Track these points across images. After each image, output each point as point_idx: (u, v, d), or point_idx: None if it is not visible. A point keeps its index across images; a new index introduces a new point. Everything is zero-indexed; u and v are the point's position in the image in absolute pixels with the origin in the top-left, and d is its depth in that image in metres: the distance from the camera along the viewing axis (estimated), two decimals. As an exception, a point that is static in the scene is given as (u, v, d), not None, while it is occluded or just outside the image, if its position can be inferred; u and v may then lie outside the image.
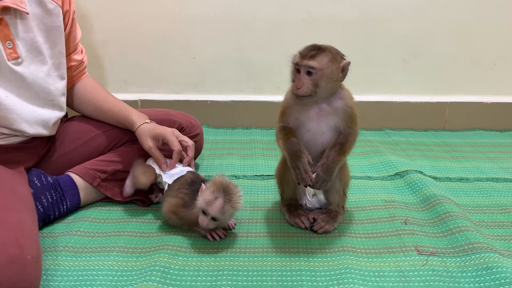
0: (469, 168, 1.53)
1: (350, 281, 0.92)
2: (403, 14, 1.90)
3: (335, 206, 1.14)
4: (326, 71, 1.00)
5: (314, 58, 1.00)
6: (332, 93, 1.04)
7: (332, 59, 1.01)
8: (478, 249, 1.01)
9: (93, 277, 0.94)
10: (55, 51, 1.16)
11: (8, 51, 1.04)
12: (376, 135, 1.89)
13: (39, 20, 1.10)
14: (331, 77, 1.01)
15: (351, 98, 1.07)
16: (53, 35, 1.14)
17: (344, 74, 1.03)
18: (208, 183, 1.05)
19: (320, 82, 1.00)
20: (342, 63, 1.01)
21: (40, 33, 1.11)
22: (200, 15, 1.91)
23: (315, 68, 0.99)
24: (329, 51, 1.01)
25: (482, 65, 1.96)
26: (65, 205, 1.17)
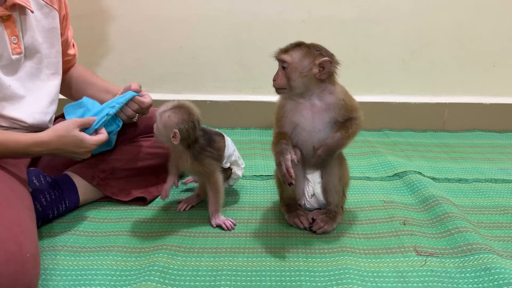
0: (468, 169, 1.53)
1: (349, 281, 0.92)
2: (403, 15, 1.90)
3: (334, 206, 1.14)
4: (297, 65, 1.02)
5: (287, 52, 1.03)
6: (310, 89, 1.05)
7: (306, 55, 1.02)
8: (476, 250, 1.01)
9: (92, 277, 0.94)
10: (53, 51, 1.19)
11: (13, 45, 1.08)
12: (375, 135, 1.89)
13: (38, 21, 1.15)
14: (302, 72, 1.02)
15: (343, 92, 1.07)
16: (50, 36, 1.18)
17: (325, 71, 1.03)
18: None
19: (291, 76, 1.03)
20: (319, 60, 1.02)
21: (39, 33, 1.15)
22: (200, 15, 1.91)
23: (286, 62, 1.02)
24: (306, 47, 1.03)
25: (481, 66, 1.96)
26: (64, 204, 1.17)
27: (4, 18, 1.05)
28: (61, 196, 1.16)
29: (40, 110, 1.15)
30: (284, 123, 1.10)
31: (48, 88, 1.18)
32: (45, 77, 1.18)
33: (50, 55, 1.19)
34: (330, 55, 1.04)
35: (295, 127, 1.09)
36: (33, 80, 1.14)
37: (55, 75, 1.20)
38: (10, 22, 1.07)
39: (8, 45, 1.07)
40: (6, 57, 1.07)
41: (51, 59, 1.19)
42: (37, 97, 1.15)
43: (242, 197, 1.32)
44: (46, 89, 1.18)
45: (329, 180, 1.13)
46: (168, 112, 1.10)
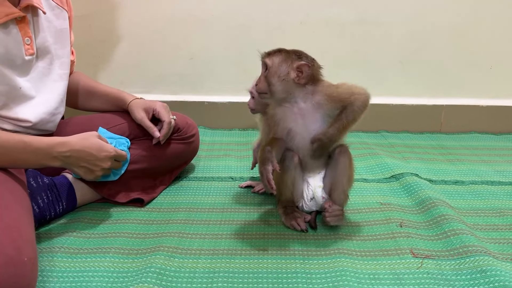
0: (464, 171, 1.54)
1: (346, 283, 0.92)
2: (400, 17, 1.91)
3: (339, 205, 1.15)
4: (276, 69, 1.05)
5: (269, 56, 1.07)
6: (291, 93, 1.07)
7: (284, 60, 1.05)
8: (472, 252, 1.01)
9: (89, 278, 0.94)
10: (65, 52, 1.22)
11: (26, 46, 1.09)
12: (372, 137, 1.90)
13: (49, 22, 1.17)
14: (280, 76, 1.04)
15: (327, 87, 1.08)
16: (62, 37, 1.21)
17: (304, 75, 1.05)
18: None
19: (271, 80, 1.05)
20: (296, 64, 1.04)
21: (50, 34, 1.17)
22: (198, 16, 1.91)
23: (267, 65, 1.06)
24: (286, 53, 1.06)
25: (478, 68, 1.97)
26: (61, 206, 1.17)
27: (18, 19, 1.07)
28: (58, 198, 1.16)
29: (48, 111, 1.17)
30: (277, 131, 1.11)
31: (58, 88, 1.20)
32: (57, 77, 1.20)
33: (62, 56, 1.21)
34: (310, 59, 1.07)
35: (288, 132, 1.10)
36: (44, 81, 1.16)
37: (66, 75, 1.23)
38: (24, 23, 1.08)
39: (22, 46, 1.08)
40: (20, 58, 1.08)
41: (63, 59, 1.21)
42: (47, 98, 1.17)
43: (239, 199, 1.32)
44: (57, 90, 1.20)
45: (338, 180, 1.13)
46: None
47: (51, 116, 1.18)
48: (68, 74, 1.24)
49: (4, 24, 1.03)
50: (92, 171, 1.09)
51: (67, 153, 1.04)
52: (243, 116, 1.99)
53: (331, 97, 1.07)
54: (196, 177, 1.47)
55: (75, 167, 1.07)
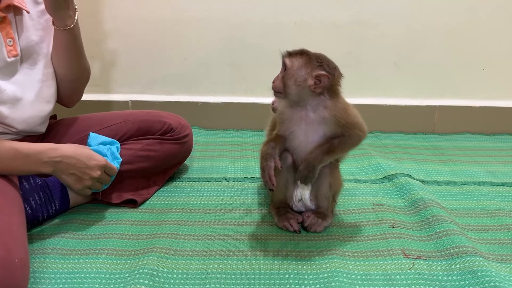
0: (457, 172, 1.55)
1: (338, 284, 0.93)
2: (394, 18, 1.92)
3: (325, 210, 1.15)
4: (294, 72, 1.02)
5: (291, 56, 1.04)
6: (304, 99, 1.05)
7: (305, 64, 1.02)
8: (463, 253, 1.02)
9: (82, 280, 0.94)
10: (50, 49, 1.18)
11: (8, 48, 1.07)
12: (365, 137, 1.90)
13: (33, 20, 1.13)
14: (297, 80, 1.02)
15: (340, 108, 1.06)
16: (49, 34, 1.17)
17: (321, 85, 1.02)
18: None
19: (287, 82, 1.03)
20: (316, 73, 1.01)
21: (35, 33, 1.14)
22: (193, 16, 1.91)
23: (286, 66, 1.03)
24: (308, 57, 1.03)
25: (471, 70, 1.98)
26: (54, 207, 1.17)
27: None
28: (51, 198, 1.16)
29: (36, 113, 1.15)
30: (281, 128, 1.11)
31: (45, 88, 1.17)
32: (44, 77, 1.16)
33: (48, 53, 1.17)
34: (331, 69, 1.03)
35: (290, 133, 1.10)
36: (31, 82, 1.14)
37: (52, 74, 1.19)
38: (5, 24, 1.06)
39: (3, 48, 1.06)
40: (2, 60, 1.06)
41: (49, 57, 1.18)
42: (34, 99, 1.14)
43: (233, 200, 1.33)
44: (44, 90, 1.17)
45: (319, 188, 1.14)
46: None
47: (39, 118, 1.16)
48: (53, 73, 1.20)
49: None
50: (81, 179, 1.08)
51: (58, 159, 1.04)
52: (237, 116, 1.99)
53: (338, 119, 1.05)
54: (190, 177, 1.47)
55: (65, 174, 1.06)
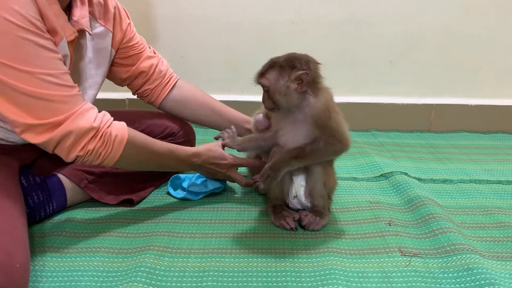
0: (453, 170, 1.55)
1: (334, 281, 0.93)
2: (391, 17, 1.92)
3: (321, 208, 1.16)
4: (275, 86, 1.02)
5: (263, 76, 1.03)
6: (298, 103, 1.04)
7: (280, 74, 1.01)
8: (459, 251, 1.03)
9: (79, 278, 0.94)
10: (99, 71, 1.20)
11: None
12: (362, 136, 1.91)
13: (89, 41, 1.15)
14: (281, 92, 1.02)
15: (321, 109, 1.04)
16: (99, 56, 1.19)
17: (304, 83, 1.01)
18: None
19: (275, 97, 1.03)
20: (294, 75, 1.00)
21: (87, 54, 1.15)
22: (189, 14, 1.91)
23: (265, 86, 1.03)
24: (278, 66, 1.01)
25: (467, 68, 1.98)
26: (52, 206, 1.17)
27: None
28: (49, 198, 1.16)
29: None
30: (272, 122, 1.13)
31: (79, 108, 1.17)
32: (86, 97, 1.17)
33: (95, 75, 1.19)
34: (305, 63, 1.01)
35: (279, 130, 1.11)
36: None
37: (94, 95, 1.21)
38: (70, 43, 1.06)
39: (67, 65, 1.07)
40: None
41: (96, 79, 1.19)
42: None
43: (230, 198, 1.33)
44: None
45: (314, 186, 1.14)
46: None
47: None
48: (95, 94, 1.22)
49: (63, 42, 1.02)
50: (214, 174, 1.27)
51: (198, 162, 1.22)
52: (234, 115, 1.99)
53: (316, 119, 1.04)
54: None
55: (204, 172, 1.27)
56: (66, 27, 1.01)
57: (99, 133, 0.99)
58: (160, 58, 1.36)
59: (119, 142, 1.02)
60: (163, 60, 1.37)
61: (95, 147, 0.98)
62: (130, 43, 1.27)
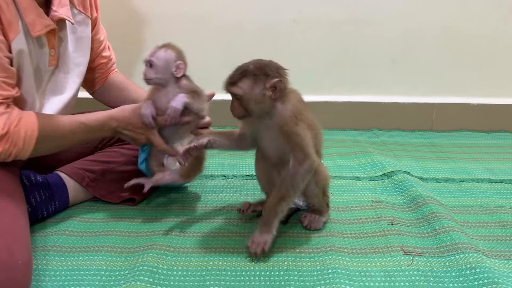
0: (455, 169, 1.55)
1: (337, 281, 0.93)
2: (392, 16, 1.91)
3: (318, 206, 1.15)
4: (250, 95, 0.99)
5: (236, 84, 1.00)
6: (269, 110, 1.02)
7: (255, 82, 0.99)
8: (462, 250, 1.03)
9: (82, 277, 0.94)
10: (84, 60, 1.21)
11: (50, 57, 1.09)
12: (364, 135, 1.91)
13: (70, 30, 1.15)
14: (256, 100, 1.00)
15: (288, 115, 1.02)
16: (82, 45, 1.20)
17: (278, 91, 0.99)
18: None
19: (248, 106, 1.00)
20: (270, 83, 0.98)
21: (71, 43, 1.16)
22: (189, 14, 1.90)
23: (238, 95, 1.00)
24: (252, 74, 0.99)
25: (469, 67, 1.98)
26: (54, 205, 1.17)
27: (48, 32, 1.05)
28: (51, 197, 1.16)
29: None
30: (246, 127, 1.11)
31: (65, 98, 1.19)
32: (73, 85, 1.19)
33: (81, 64, 1.20)
34: (276, 71, 1.00)
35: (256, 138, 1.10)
36: (55, 93, 1.16)
37: (77, 84, 1.21)
38: (52, 35, 1.07)
39: (46, 58, 1.08)
40: (43, 69, 1.08)
41: (81, 68, 1.21)
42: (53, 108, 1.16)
43: (232, 197, 1.33)
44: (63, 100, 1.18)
45: (306, 187, 1.10)
46: (162, 50, 1.12)
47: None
48: (80, 83, 1.23)
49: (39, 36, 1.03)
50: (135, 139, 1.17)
51: (115, 124, 1.13)
52: (235, 114, 1.99)
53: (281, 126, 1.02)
54: (189, 175, 1.47)
55: (123, 135, 1.16)
56: (38, 22, 1.01)
57: (7, 136, 0.96)
58: (111, 58, 1.37)
59: (29, 138, 0.99)
60: (113, 59, 1.38)
61: (4, 149, 0.96)
62: (95, 35, 1.28)
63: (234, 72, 1.01)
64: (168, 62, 1.13)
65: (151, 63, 1.12)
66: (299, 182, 1.03)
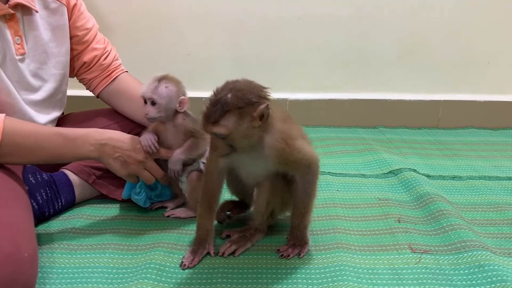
0: (462, 166, 1.54)
1: (345, 278, 0.93)
2: (398, 13, 1.91)
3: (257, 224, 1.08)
4: (237, 132, 0.87)
5: (218, 122, 0.86)
6: (256, 142, 0.90)
7: (240, 116, 0.85)
8: (470, 247, 1.02)
9: (89, 274, 0.94)
10: (62, 50, 1.18)
11: (16, 46, 1.06)
12: (370, 133, 1.90)
13: (43, 19, 1.13)
14: (245, 135, 0.88)
15: (280, 146, 0.91)
16: (59, 34, 1.16)
17: (265, 118, 0.88)
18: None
19: (235, 143, 0.89)
20: (257, 112, 0.86)
21: (45, 32, 1.13)
22: (196, 12, 1.90)
23: (223, 134, 0.87)
24: (235, 107, 0.85)
25: (475, 64, 1.97)
26: (60, 203, 1.17)
27: (7, 18, 1.04)
28: (57, 194, 1.16)
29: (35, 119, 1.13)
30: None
31: (49, 89, 1.17)
32: (52, 77, 1.16)
33: (58, 54, 1.17)
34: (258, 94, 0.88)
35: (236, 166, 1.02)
36: (31, 86, 1.12)
37: (61, 75, 1.19)
38: (13, 22, 1.05)
39: (11, 46, 1.05)
40: (10, 58, 1.05)
41: (60, 58, 1.17)
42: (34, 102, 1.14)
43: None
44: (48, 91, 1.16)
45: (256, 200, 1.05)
46: (162, 85, 1.07)
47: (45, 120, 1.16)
48: (63, 75, 1.20)
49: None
50: (127, 163, 1.06)
51: (104, 141, 1.03)
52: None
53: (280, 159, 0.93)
54: (195, 173, 1.47)
55: (111, 158, 1.05)
56: None
57: None
58: (106, 51, 1.28)
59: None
60: (111, 53, 1.29)
61: None
62: (76, 23, 1.21)
63: (210, 107, 0.87)
64: (171, 99, 1.08)
65: (153, 101, 1.07)
66: (313, 188, 1.00)
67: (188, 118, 1.13)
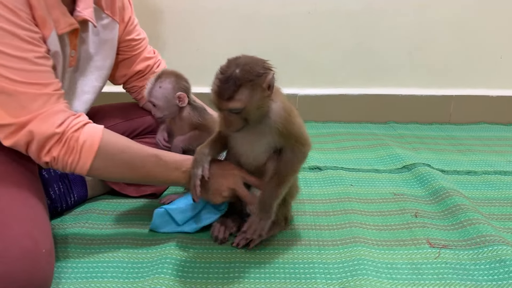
0: (476, 161, 1.52)
1: (364, 272, 0.91)
2: (408, 7, 1.89)
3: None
4: (252, 103, 0.88)
5: (233, 98, 0.86)
6: (266, 112, 0.92)
7: (253, 88, 0.87)
8: (490, 242, 1.00)
9: (104, 269, 0.94)
10: (106, 64, 1.17)
11: (70, 58, 1.05)
12: (380, 128, 1.88)
13: (94, 33, 1.11)
14: (258, 106, 0.89)
15: (284, 116, 0.93)
16: (105, 48, 1.15)
17: (271, 87, 0.90)
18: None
19: (250, 115, 0.90)
20: (266, 82, 0.88)
21: (93, 46, 1.12)
22: (205, 7, 1.89)
23: (239, 109, 0.88)
24: (246, 81, 0.86)
25: (487, 59, 1.95)
26: (73, 198, 1.16)
27: (70, 32, 1.01)
28: (70, 189, 1.15)
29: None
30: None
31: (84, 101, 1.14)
32: (91, 89, 1.14)
33: (102, 68, 1.16)
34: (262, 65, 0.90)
35: (234, 145, 1.01)
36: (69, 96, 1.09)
37: (99, 88, 1.17)
38: (73, 35, 1.03)
39: (67, 59, 1.04)
40: (61, 70, 1.03)
41: (102, 72, 1.16)
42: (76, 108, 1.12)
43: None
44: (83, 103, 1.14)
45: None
46: (157, 86, 1.09)
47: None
48: (101, 88, 1.18)
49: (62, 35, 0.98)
50: (219, 190, 1.01)
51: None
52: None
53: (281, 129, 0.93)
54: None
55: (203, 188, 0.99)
56: (62, 19, 0.97)
57: (63, 138, 0.89)
58: (158, 60, 1.30)
59: (88, 149, 0.90)
60: (161, 62, 1.31)
61: (60, 154, 0.89)
62: (129, 35, 1.22)
63: (221, 85, 0.87)
64: (168, 98, 1.09)
65: (153, 103, 1.09)
66: (297, 167, 0.99)
67: (194, 111, 1.14)
